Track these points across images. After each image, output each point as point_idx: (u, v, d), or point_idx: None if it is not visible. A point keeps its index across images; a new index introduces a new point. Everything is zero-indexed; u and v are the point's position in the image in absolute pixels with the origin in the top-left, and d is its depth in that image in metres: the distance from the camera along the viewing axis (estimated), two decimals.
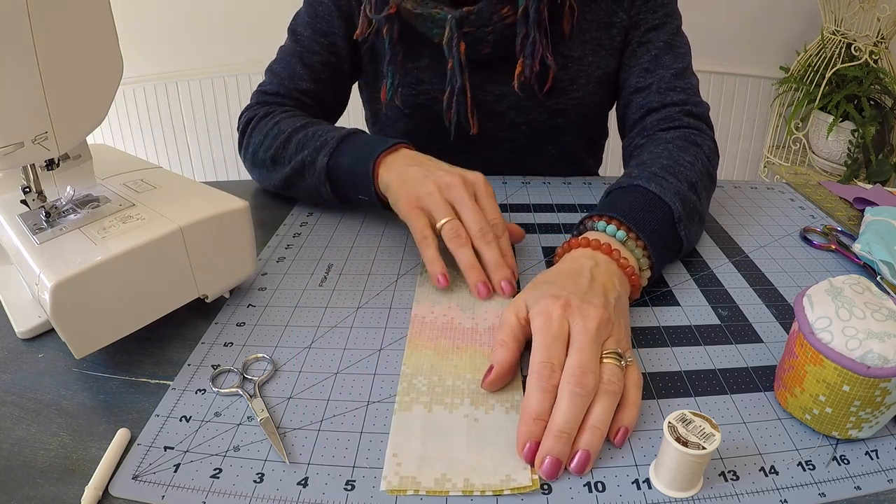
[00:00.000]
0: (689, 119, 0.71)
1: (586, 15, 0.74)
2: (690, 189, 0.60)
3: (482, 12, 0.67)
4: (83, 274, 0.42)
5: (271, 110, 0.75)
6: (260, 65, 2.19)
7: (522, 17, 0.67)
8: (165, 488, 0.36)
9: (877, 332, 0.37)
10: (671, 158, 0.63)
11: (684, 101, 0.72)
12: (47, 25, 0.40)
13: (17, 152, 0.42)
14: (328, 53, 0.79)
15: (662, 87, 0.73)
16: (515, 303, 0.47)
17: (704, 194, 0.63)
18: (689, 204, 0.58)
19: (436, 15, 0.67)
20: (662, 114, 0.72)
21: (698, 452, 0.34)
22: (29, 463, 0.38)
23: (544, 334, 0.42)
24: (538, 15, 0.67)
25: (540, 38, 0.68)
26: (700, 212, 0.61)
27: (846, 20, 1.82)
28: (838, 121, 1.81)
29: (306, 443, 0.40)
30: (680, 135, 0.68)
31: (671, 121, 0.71)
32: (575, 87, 0.77)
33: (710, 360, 0.47)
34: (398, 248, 0.64)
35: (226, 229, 0.51)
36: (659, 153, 0.64)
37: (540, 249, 0.64)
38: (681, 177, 0.60)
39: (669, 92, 0.73)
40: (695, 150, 0.66)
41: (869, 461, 0.39)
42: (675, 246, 0.58)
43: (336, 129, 0.67)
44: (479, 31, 0.68)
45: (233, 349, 0.49)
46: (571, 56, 0.75)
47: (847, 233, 0.68)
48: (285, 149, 0.68)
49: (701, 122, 0.72)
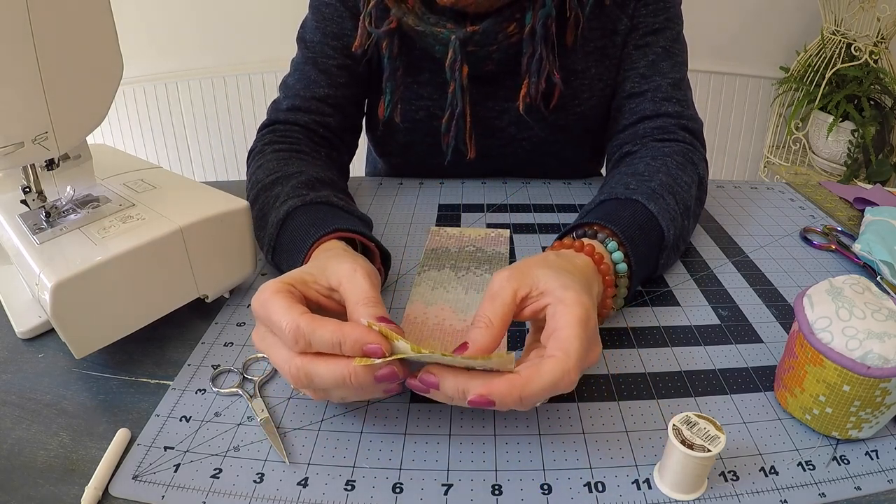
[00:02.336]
0: (685, 134, 0.68)
1: (591, 23, 0.70)
2: (684, 214, 0.58)
3: (487, 31, 0.64)
4: (83, 274, 0.42)
5: (265, 147, 0.68)
6: (260, 64, 2.19)
7: (529, 35, 0.64)
8: (165, 488, 0.36)
9: (877, 332, 0.37)
10: (670, 176, 0.60)
11: (680, 114, 0.69)
12: (47, 25, 0.40)
13: (17, 152, 0.42)
14: (343, 56, 0.73)
15: (658, 97, 0.70)
16: (517, 277, 0.40)
17: (693, 221, 0.62)
18: (679, 231, 0.57)
19: (439, 34, 0.64)
20: (657, 123, 0.69)
21: (704, 455, 0.34)
22: (29, 463, 0.38)
23: (584, 329, 0.36)
24: (545, 31, 0.64)
25: (547, 54, 0.65)
26: (686, 239, 0.60)
27: (846, 20, 1.82)
28: (838, 121, 1.81)
29: (306, 443, 0.40)
30: (678, 149, 0.66)
31: (666, 132, 0.69)
32: (577, 101, 0.74)
33: (711, 360, 0.47)
34: (398, 247, 0.64)
35: (226, 229, 0.51)
36: (657, 167, 0.61)
37: (540, 250, 0.64)
38: (678, 198, 0.58)
39: (665, 102, 0.70)
40: (692, 169, 0.64)
41: (869, 461, 0.39)
42: (650, 273, 0.56)
43: (282, 203, 0.56)
44: (483, 49, 0.65)
45: (233, 349, 0.49)
46: (574, 69, 0.72)
47: (847, 233, 0.68)
48: (254, 202, 0.61)
49: (696, 139, 0.69)
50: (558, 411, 0.42)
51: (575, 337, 0.36)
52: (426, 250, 0.62)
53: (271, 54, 1.98)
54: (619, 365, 0.47)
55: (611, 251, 0.50)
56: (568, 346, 0.35)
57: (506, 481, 0.37)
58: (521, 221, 0.70)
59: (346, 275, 0.41)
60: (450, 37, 0.64)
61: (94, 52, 0.45)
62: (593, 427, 0.41)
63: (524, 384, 0.34)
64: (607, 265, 0.48)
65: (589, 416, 0.42)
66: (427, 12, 0.65)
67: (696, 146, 0.68)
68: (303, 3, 0.80)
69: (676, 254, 0.59)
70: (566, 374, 0.34)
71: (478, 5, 0.63)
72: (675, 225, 0.56)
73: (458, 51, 0.64)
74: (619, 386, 0.45)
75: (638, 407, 0.43)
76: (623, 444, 0.40)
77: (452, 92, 0.68)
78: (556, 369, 0.34)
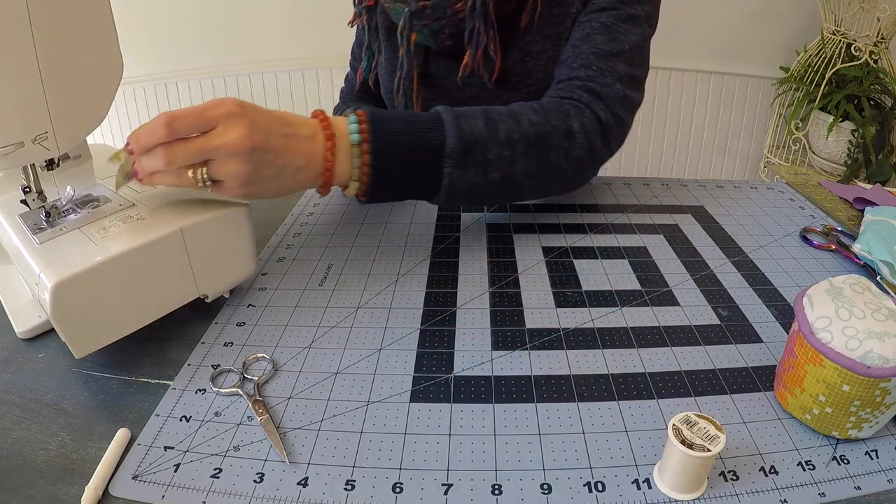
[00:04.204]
0: (582, 93, 0.64)
1: (552, 9, 0.71)
2: (493, 140, 0.56)
3: (437, 6, 0.69)
4: (83, 274, 0.42)
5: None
6: (261, 65, 2.19)
7: (470, 10, 0.68)
8: (165, 488, 0.36)
9: (877, 331, 0.37)
10: (508, 110, 0.59)
11: (590, 77, 0.65)
12: (47, 25, 0.40)
13: (17, 152, 0.42)
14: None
15: (577, 63, 0.66)
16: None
17: (521, 159, 0.58)
18: (476, 150, 0.55)
19: (397, 8, 0.72)
20: (562, 86, 0.66)
21: (704, 455, 0.34)
22: (29, 463, 0.38)
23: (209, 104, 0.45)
24: (484, 8, 0.67)
25: (486, 29, 0.69)
26: (493, 166, 0.57)
27: (846, 20, 1.82)
28: (838, 121, 1.81)
29: (306, 443, 0.40)
30: (553, 102, 0.63)
31: (565, 91, 0.65)
32: (530, 81, 0.75)
33: (710, 360, 0.47)
34: (398, 247, 0.64)
35: (226, 229, 0.51)
36: (505, 107, 0.61)
37: (540, 250, 0.64)
38: (492, 125, 0.57)
39: (581, 68, 0.66)
40: (555, 116, 0.61)
41: (869, 461, 0.39)
42: (425, 180, 0.55)
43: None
44: (436, 23, 0.70)
45: (233, 349, 0.49)
46: (530, 50, 0.73)
47: (847, 233, 0.68)
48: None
49: (596, 99, 0.64)
50: (558, 411, 0.42)
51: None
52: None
53: (272, 54, 1.98)
54: (619, 365, 0.47)
55: (350, 122, 0.52)
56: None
57: (506, 481, 0.37)
58: (522, 221, 0.70)
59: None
60: (403, 9, 0.71)
61: (95, 52, 0.45)
62: (593, 427, 0.41)
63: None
64: (331, 123, 0.51)
65: (589, 415, 0.42)
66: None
67: (587, 103, 0.64)
68: (303, 3, 0.81)
69: (489, 180, 0.57)
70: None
71: None
72: (469, 139, 0.55)
73: (408, 20, 0.71)
74: (618, 385, 0.45)
75: (638, 407, 0.43)
76: (623, 444, 0.40)
77: (401, 55, 0.75)
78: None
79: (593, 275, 0.59)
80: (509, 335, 0.50)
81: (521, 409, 0.43)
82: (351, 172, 0.53)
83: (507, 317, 0.53)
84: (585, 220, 0.70)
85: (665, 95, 2.04)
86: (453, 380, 0.45)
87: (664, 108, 2.07)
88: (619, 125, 0.65)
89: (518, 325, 0.51)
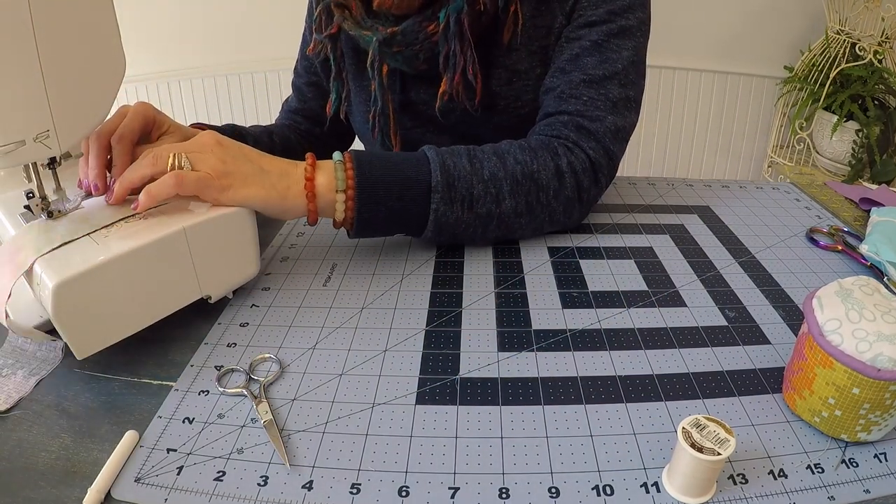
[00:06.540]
0: (570, 132, 0.63)
1: (535, 20, 0.66)
2: (478, 177, 0.57)
3: (407, 32, 0.64)
4: (85, 274, 0.41)
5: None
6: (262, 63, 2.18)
7: (443, 31, 0.63)
8: (168, 491, 0.36)
9: (887, 334, 0.37)
10: (494, 148, 0.60)
11: (579, 112, 0.63)
12: (49, 23, 0.40)
13: (18, 150, 0.42)
14: (309, 74, 0.84)
15: (565, 94, 0.64)
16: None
17: (509, 197, 0.59)
18: (461, 186, 0.56)
19: (364, 37, 0.66)
20: (550, 122, 0.64)
21: (714, 458, 0.33)
22: (30, 465, 0.38)
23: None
24: (458, 27, 0.62)
25: (462, 49, 0.63)
26: (479, 203, 0.58)
27: (850, 20, 1.81)
28: (842, 120, 1.80)
29: (311, 445, 0.39)
30: (542, 140, 0.62)
31: (552, 128, 0.64)
32: (520, 103, 0.70)
33: (718, 361, 0.47)
34: (402, 248, 0.64)
35: (229, 229, 0.50)
36: (493, 146, 0.61)
37: (546, 250, 0.63)
38: (476, 163, 0.57)
39: (570, 100, 0.64)
40: (543, 154, 0.60)
41: (878, 464, 0.39)
42: (411, 215, 0.57)
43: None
44: (408, 49, 0.65)
45: (236, 350, 0.48)
46: (517, 69, 0.68)
47: (854, 233, 0.68)
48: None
49: (586, 136, 0.63)
50: (565, 413, 0.42)
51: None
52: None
53: (273, 53, 1.98)
54: (627, 366, 0.46)
55: (335, 160, 0.55)
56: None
57: (513, 484, 0.37)
58: None
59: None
60: (372, 39, 0.65)
61: (97, 50, 0.44)
62: (601, 429, 0.41)
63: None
64: (315, 164, 0.54)
65: (596, 418, 0.42)
66: (367, 18, 0.66)
67: (575, 142, 0.63)
68: (302, 3, 0.80)
69: (475, 217, 0.58)
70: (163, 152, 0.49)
71: (397, 7, 0.64)
72: (456, 176, 0.56)
73: (377, 51, 0.66)
74: (626, 387, 0.44)
75: (646, 409, 0.42)
76: (631, 447, 0.39)
77: (374, 90, 0.70)
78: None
79: (600, 275, 0.59)
80: (515, 336, 0.50)
81: (528, 412, 0.42)
82: (336, 185, 0.54)
83: (514, 318, 0.52)
84: (591, 219, 0.70)
85: (669, 95, 2.03)
86: (459, 381, 0.45)
87: (668, 107, 2.07)
88: (610, 160, 0.64)
89: (524, 327, 0.51)
